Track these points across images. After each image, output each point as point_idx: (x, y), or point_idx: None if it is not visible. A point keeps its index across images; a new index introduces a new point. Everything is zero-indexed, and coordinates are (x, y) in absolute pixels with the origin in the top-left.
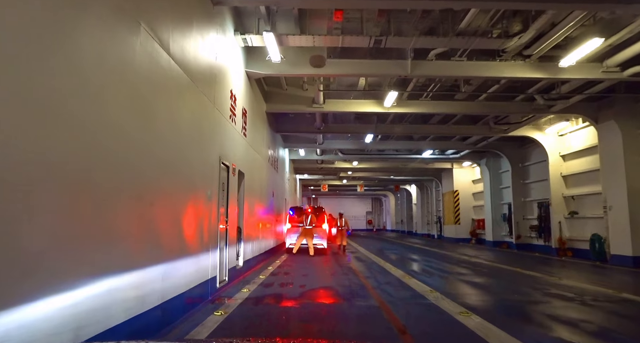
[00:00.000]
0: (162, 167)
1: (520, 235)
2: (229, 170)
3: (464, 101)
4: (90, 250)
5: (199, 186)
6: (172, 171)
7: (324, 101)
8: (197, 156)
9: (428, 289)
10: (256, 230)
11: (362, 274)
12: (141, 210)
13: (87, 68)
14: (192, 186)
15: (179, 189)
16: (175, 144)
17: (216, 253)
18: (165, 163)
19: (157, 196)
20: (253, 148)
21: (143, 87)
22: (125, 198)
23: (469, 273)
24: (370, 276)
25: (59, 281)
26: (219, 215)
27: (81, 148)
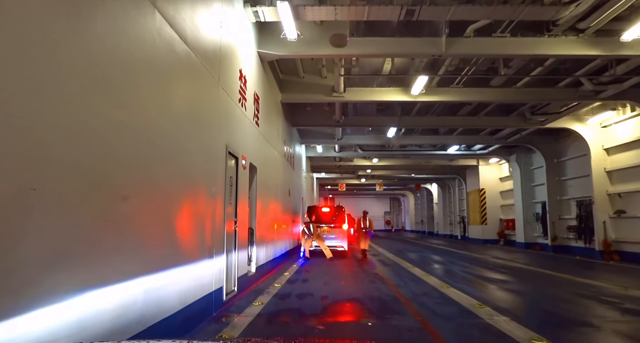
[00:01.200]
0: (145, 153)
1: (556, 236)
2: (238, 162)
3: (500, 88)
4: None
5: (199, 180)
6: (161, 159)
7: (345, 90)
8: (196, 142)
9: (475, 302)
10: (271, 231)
11: (391, 282)
12: (108, 207)
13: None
14: (189, 178)
15: (170, 183)
16: (165, 127)
17: (222, 259)
18: (150, 149)
19: (135, 190)
20: (266, 139)
21: (122, 54)
22: (83, 188)
23: (514, 281)
24: (401, 284)
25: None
26: (225, 215)
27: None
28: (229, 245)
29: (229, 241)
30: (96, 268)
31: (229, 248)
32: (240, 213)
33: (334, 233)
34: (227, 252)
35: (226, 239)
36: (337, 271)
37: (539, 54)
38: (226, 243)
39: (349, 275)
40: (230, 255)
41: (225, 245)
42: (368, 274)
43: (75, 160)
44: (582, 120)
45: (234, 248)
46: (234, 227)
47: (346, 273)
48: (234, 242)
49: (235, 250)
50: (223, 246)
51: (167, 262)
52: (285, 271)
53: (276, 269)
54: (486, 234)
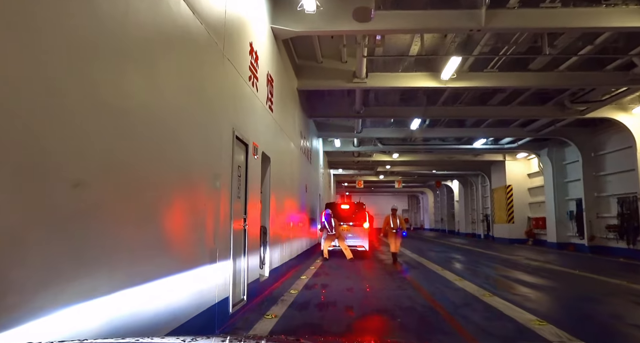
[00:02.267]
0: (121, 134)
1: (594, 236)
2: (247, 150)
3: (540, 72)
4: None
5: (198, 168)
6: (145, 143)
7: (367, 75)
8: (194, 123)
9: (531, 318)
10: (286, 229)
11: (423, 288)
12: (61, 199)
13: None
14: (184, 166)
15: (158, 171)
16: (148, 101)
17: (229, 264)
18: (129, 130)
19: (98, 178)
20: (281, 128)
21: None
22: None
23: (561, 287)
24: (435, 291)
25: None
26: (232, 212)
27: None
28: (236, 247)
29: (237, 243)
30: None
31: (236, 250)
32: (251, 209)
33: (355, 232)
34: (235, 255)
35: (233, 240)
36: (360, 274)
37: (594, 27)
38: (233, 245)
39: (374, 279)
40: (238, 258)
41: (232, 247)
42: (394, 278)
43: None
44: (626, 109)
45: (243, 250)
46: (243, 226)
47: (370, 276)
48: (243, 243)
49: (245, 252)
50: (229, 248)
51: (152, 272)
52: (303, 275)
53: (292, 271)
54: (513, 233)
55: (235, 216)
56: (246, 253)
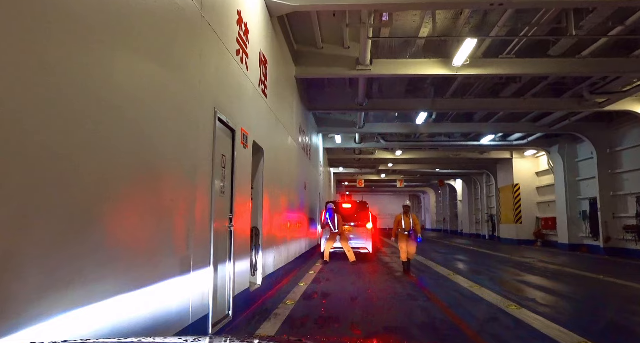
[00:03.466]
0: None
1: (609, 236)
2: (234, 137)
3: (560, 58)
4: None
5: (163, 156)
6: (78, 120)
7: (371, 61)
8: (158, 93)
9: (580, 339)
10: (282, 230)
11: (437, 297)
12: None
13: None
14: (141, 153)
15: (97, 160)
16: (87, 62)
17: (207, 273)
18: (48, 103)
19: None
20: (277, 117)
21: None
22: None
23: (594, 295)
24: (452, 302)
25: None
26: (212, 210)
27: None
28: (219, 253)
29: (220, 247)
30: None
31: (219, 256)
32: (239, 207)
33: (357, 233)
34: (216, 262)
35: (214, 244)
36: (364, 280)
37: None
38: (214, 250)
39: (380, 286)
40: (221, 265)
41: (212, 252)
42: (403, 284)
43: None
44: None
45: (228, 255)
46: (228, 227)
47: (375, 282)
48: (228, 247)
49: (231, 257)
50: (209, 254)
51: (85, 296)
52: (301, 281)
53: (289, 277)
54: (521, 234)
55: (218, 216)
56: (232, 259)
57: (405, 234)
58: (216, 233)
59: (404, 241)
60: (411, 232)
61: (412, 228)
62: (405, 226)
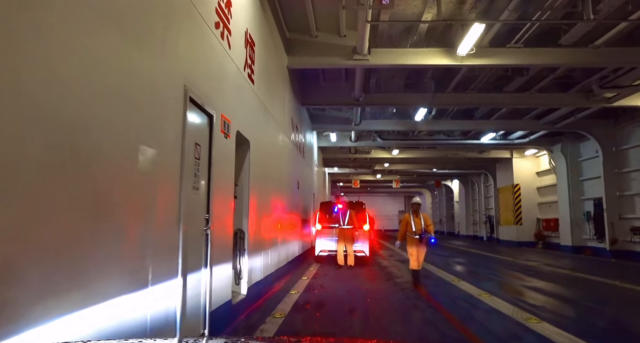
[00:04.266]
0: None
1: (616, 239)
2: (212, 123)
3: (572, 48)
4: None
5: (109, 138)
6: None
7: (369, 51)
8: (108, 60)
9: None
10: (272, 232)
11: (445, 308)
12: None
13: None
14: (70, 132)
15: None
16: None
17: (174, 286)
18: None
19: None
20: (266, 108)
21: None
22: None
23: (627, 308)
24: (463, 315)
25: None
26: (181, 209)
27: None
28: (191, 260)
29: (192, 254)
30: None
31: (191, 264)
32: (218, 206)
33: (353, 235)
34: (187, 272)
35: (184, 251)
36: (363, 287)
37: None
38: (184, 258)
39: (381, 294)
40: (194, 275)
41: (181, 261)
42: (406, 293)
43: None
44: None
45: (203, 263)
46: (205, 229)
47: (375, 290)
48: (203, 254)
49: (207, 265)
50: (176, 263)
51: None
52: (293, 288)
53: (280, 284)
54: (521, 235)
55: (189, 217)
56: (210, 267)
57: (415, 238)
58: (187, 237)
59: (414, 246)
60: (423, 236)
61: (424, 230)
62: (415, 228)
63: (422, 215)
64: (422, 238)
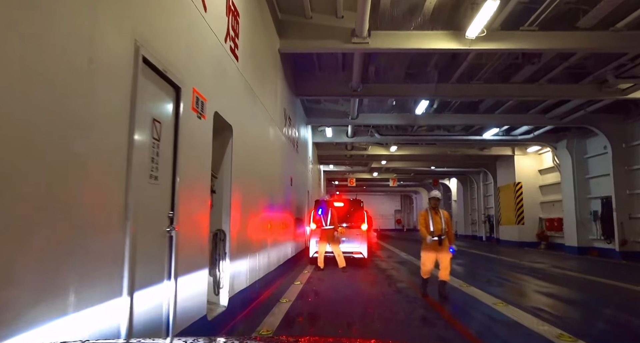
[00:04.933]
0: None
1: (625, 239)
2: (179, 97)
3: (591, 31)
4: None
5: None
6: None
7: (369, 33)
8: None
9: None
10: (261, 233)
11: (461, 322)
12: None
13: None
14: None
15: None
16: None
17: (116, 308)
18: None
19: None
20: (254, 91)
21: None
22: None
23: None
24: (481, 330)
25: None
26: (128, 205)
27: None
28: (146, 271)
29: (147, 262)
30: None
31: (146, 276)
32: (188, 201)
33: (350, 235)
34: (136, 287)
35: (131, 259)
36: (363, 295)
37: None
38: (131, 269)
39: (383, 304)
40: (149, 291)
41: (127, 272)
42: (411, 301)
43: None
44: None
45: (166, 273)
46: (168, 230)
47: (376, 298)
48: (166, 261)
49: (171, 275)
50: (120, 276)
51: None
52: (284, 297)
53: (271, 290)
54: (523, 235)
55: (142, 214)
56: (174, 277)
57: (434, 240)
58: (138, 241)
59: (430, 251)
60: (443, 238)
61: (444, 232)
62: (434, 228)
63: (443, 212)
64: (442, 240)
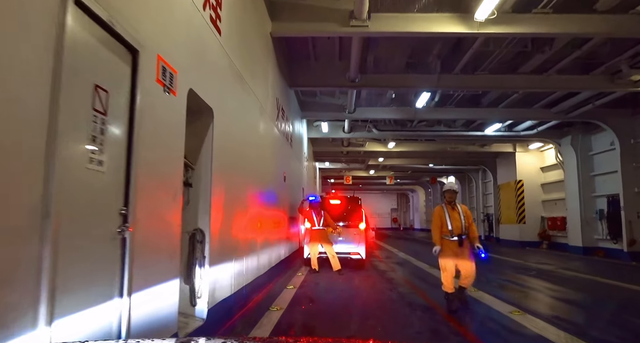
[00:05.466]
0: None
1: (634, 239)
2: (137, 63)
3: (610, 14)
4: None
5: None
6: None
7: (369, 16)
8: None
9: None
10: (248, 233)
11: (475, 334)
12: None
13: None
14: None
15: None
16: None
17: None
18: None
19: None
20: (241, 74)
21: None
22: None
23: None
24: None
25: None
26: (49, 194)
27: None
28: (87, 285)
29: (87, 273)
30: None
31: (89, 292)
32: (150, 194)
33: (347, 235)
34: (63, 313)
35: (51, 272)
36: (363, 301)
37: None
38: (51, 286)
39: (385, 311)
40: (92, 312)
41: (45, 293)
42: (416, 309)
43: None
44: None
45: (117, 287)
46: (120, 231)
47: (377, 304)
48: (118, 272)
49: (123, 292)
50: (35, 299)
51: None
52: (274, 304)
53: (259, 297)
54: (524, 235)
55: (73, 210)
56: (127, 293)
57: (453, 241)
58: (65, 246)
59: (450, 255)
60: (464, 238)
61: (465, 230)
62: (452, 226)
63: (461, 208)
64: (463, 240)
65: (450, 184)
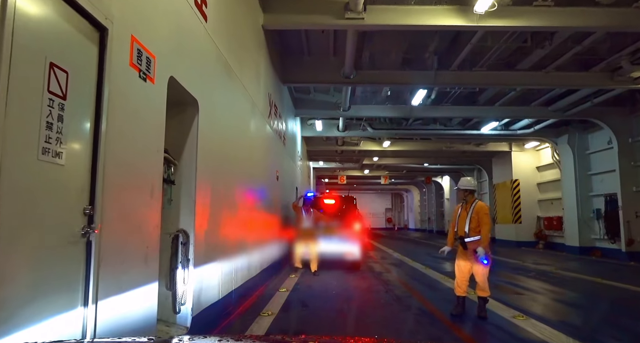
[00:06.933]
0: None
1: (632, 239)
2: (105, 41)
3: (614, 8)
4: None
5: None
6: None
7: (365, 8)
8: None
9: None
10: (239, 234)
11: (475, 339)
12: None
13: None
14: None
15: None
16: None
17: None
18: None
19: None
20: (229, 63)
21: None
22: None
23: None
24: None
25: None
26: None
27: None
28: (35, 299)
29: (41, 284)
30: None
31: (36, 307)
32: (120, 192)
33: (341, 235)
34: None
35: None
36: (358, 305)
37: None
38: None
39: (381, 316)
40: (40, 329)
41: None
42: (413, 313)
43: None
44: None
45: (81, 297)
46: (84, 233)
47: (373, 308)
48: (81, 279)
49: (87, 301)
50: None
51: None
52: (265, 309)
53: (250, 301)
54: (520, 235)
55: (17, 209)
56: (92, 301)
57: (461, 240)
58: (15, 250)
59: (461, 257)
60: (465, 241)
61: (468, 233)
62: (458, 227)
63: (475, 207)
64: (466, 243)
65: (462, 182)
